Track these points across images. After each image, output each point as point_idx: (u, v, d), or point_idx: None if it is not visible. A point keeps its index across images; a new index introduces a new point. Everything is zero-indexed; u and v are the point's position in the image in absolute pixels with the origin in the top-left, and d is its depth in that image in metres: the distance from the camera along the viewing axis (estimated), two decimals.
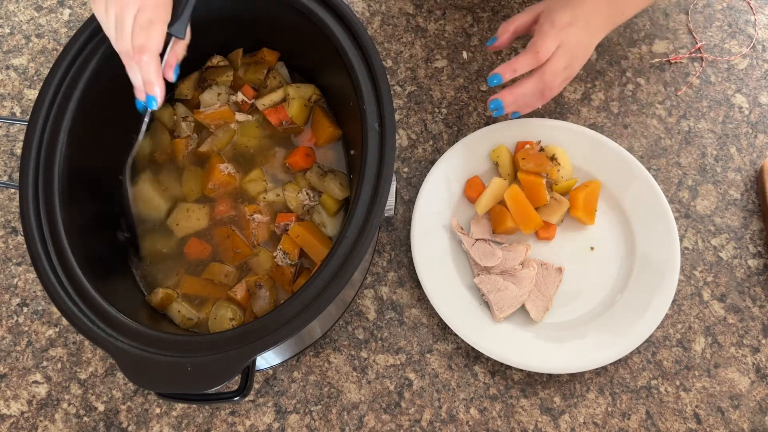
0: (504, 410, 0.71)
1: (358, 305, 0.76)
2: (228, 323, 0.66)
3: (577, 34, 0.69)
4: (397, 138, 0.83)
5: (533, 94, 0.71)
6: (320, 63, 0.72)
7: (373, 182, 0.58)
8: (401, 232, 0.79)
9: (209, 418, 0.71)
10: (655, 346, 0.74)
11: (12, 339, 0.75)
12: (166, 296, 0.67)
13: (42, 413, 0.72)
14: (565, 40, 0.69)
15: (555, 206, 0.76)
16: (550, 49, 0.69)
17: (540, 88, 0.70)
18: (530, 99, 0.71)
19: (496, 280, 0.73)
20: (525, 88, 0.70)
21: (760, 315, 0.75)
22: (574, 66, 0.71)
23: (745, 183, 0.81)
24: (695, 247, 0.78)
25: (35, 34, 0.91)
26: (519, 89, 0.70)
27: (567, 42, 0.69)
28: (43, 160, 0.61)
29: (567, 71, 0.70)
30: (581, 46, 0.71)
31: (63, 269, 0.58)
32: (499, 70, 0.70)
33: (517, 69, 0.70)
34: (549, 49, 0.69)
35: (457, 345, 0.74)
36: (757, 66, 0.86)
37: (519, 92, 0.70)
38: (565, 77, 0.71)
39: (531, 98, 0.71)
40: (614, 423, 0.71)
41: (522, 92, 0.70)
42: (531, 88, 0.70)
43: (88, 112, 0.65)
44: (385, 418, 0.71)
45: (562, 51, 0.69)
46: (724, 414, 0.71)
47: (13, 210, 0.81)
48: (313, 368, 0.73)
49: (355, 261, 0.55)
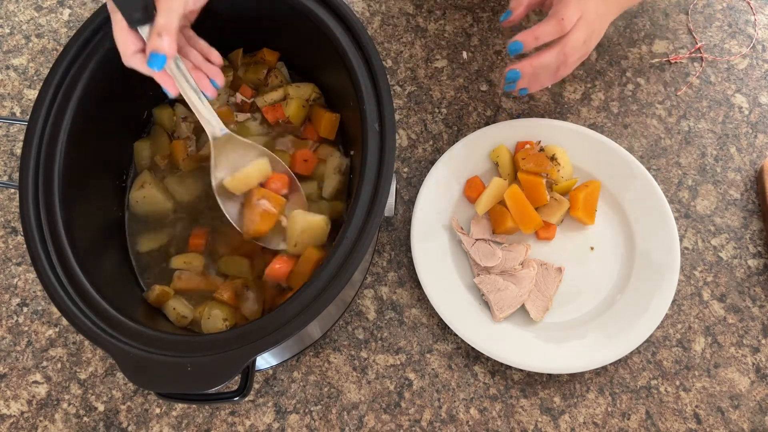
0: (504, 410, 0.71)
1: (358, 305, 0.76)
2: (221, 323, 0.66)
3: (597, 6, 0.67)
4: (397, 138, 0.83)
5: (550, 67, 0.68)
6: (320, 63, 0.72)
7: (373, 182, 0.58)
8: (401, 232, 0.79)
9: (209, 418, 0.71)
10: (655, 346, 0.74)
11: (12, 339, 0.75)
12: (162, 293, 0.67)
13: (42, 413, 0.72)
14: (585, 11, 0.66)
15: (555, 206, 0.76)
16: (572, 17, 0.66)
17: (559, 62, 0.67)
18: (545, 74, 0.69)
19: (496, 280, 0.73)
20: (545, 58, 0.67)
21: (760, 315, 0.75)
22: (591, 42, 0.69)
23: (745, 183, 0.81)
24: (695, 247, 0.78)
25: (35, 34, 0.91)
26: (539, 59, 0.67)
27: (587, 14, 0.66)
28: (43, 160, 0.61)
29: (585, 47, 0.68)
30: (599, 20, 0.68)
31: (63, 269, 0.58)
32: (520, 36, 0.67)
33: (539, 36, 0.66)
34: (572, 18, 0.66)
35: (457, 345, 0.74)
36: (757, 66, 0.86)
37: (539, 63, 0.67)
38: (581, 54, 0.69)
39: (546, 73, 0.68)
40: (614, 423, 0.71)
41: (542, 63, 0.67)
42: (551, 59, 0.67)
43: (88, 112, 0.65)
44: (385, 418, 0.71)
45: (582, 23, 0.66)
46: (724, 414, 0.71)
47: (13, 210, 0.81)
48: (313, 368, 0.73)
49: (355, 261, 0.55)
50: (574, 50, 0.67)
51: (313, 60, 0.73)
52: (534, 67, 0.68)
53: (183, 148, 0.73)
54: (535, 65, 0.67)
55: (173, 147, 0.73)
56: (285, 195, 0.67)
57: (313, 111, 0.74)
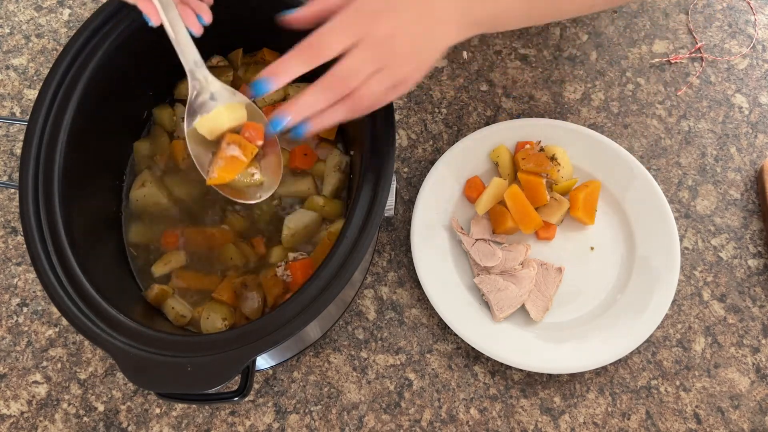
0: (504, 410, 0.71)
1: (358, 305, 0.76)
2: (221, 323, 0.66)
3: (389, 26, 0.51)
4: (397, 138, 0.83)
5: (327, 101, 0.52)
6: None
7: (373, 182, 0.58)
8: (401, 232, 0.79)
9: (209, 418, 0.71)
10: (655, 346, 0.74)
11: (12, 339, 0.75)
12: (161, 292, 0.67)
13: (42, 413, 0.72)
14: (368, 33, 0.51)
15: (555, 206, 0.76)
16: (332, 45, 0.50)
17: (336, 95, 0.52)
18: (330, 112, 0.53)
19: (496, 280, 0.73)
20: (310, 96, 0.52)
21: (760, 315, 0.75)
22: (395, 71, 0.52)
23: (745, 183, 0.81)
24: (695, 247, 0.78)
25: (35, 34, 0.91)
26: (301, 98, 0.52)
27: (372, 35, 0.51)
28: (43, 160, 0.61)
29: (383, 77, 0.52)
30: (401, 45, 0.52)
31: (63, 269, 0.58)
32: (266, 71, 0.51)
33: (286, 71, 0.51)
34: (330, 45, 0.50)
35: (457, 345, 0.74)
36: (757, 66, 0.86)
37: (302, 102, 0.52)
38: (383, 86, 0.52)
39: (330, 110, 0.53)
40: (614, 423, 0.71)
41: (307, 102, 0.52)
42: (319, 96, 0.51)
43: (88, 112, 0.65)
44: (385, 418, 0.71)
45: (364, 48, 0.51)
46: (724, 414, 0.71)
47: (13, 210, 0.81)
48: (313, 368, 0.73)
49: (355, 261, 0.55)
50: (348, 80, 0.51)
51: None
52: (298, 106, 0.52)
53: (184, 147, 0.73)
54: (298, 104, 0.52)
55: (173, 146, 0.73)
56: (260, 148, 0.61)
57: None
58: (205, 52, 0.76)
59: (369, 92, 0.52)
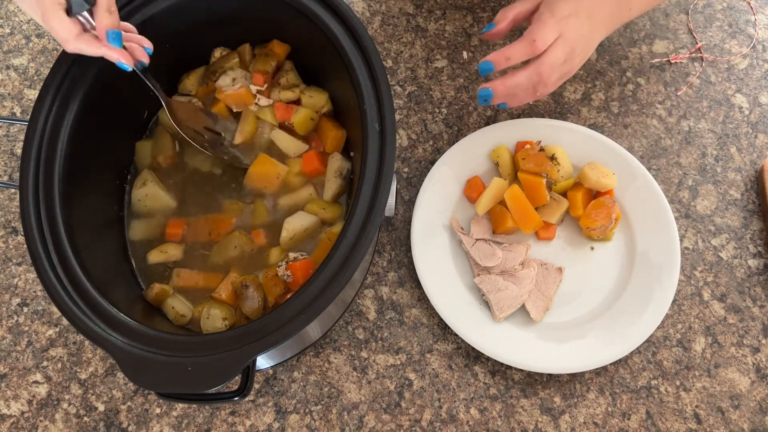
0: (504, 410, 0.71)
1: (358, 305, 0.76)
2: (221, 322, 0.66)
3: (579, 26, 0.65)
4: (397, 138, 0.83)
5: (526, 87, 0.66)
6: (321, 63, 0.72)
7: (373, 182, 0.58)
8: (401, 232, 0.79)
9: (209, 418, 0.71)
10: (655, 346, 0.74)
11: (12, 339, 0.75)
12: (161, 291, 0.67)
13: (42, 413, 0.72)
14: (565, 31, 0.65)
15: (555, 206, 0.76)
16: (547, 38, 0.64)
17: (534, 81, 0.65)
18: (522, 92, 0.67)
19: (496, 280, 0.73)
20: (518, 78, 0.66)
21: (760, 315, 0.75)
22: (573, 62, 0.67)
23: (745, 183, 0.81)
24: (695, 247, 0.78)
25: (35, 34, 0.91)
26: (512, 80, 0.66)
27: (567, 34, 0.65)
28: (43, 160, 0.61)
29: (565, 66, 0.66)
30: (582, 40, 0.66)
31: (63, 269, 0.59)
32: (491, 57, 0.66)
33: (510, 57, 0.65)
34: (546, 39, 0.64)
35: (457, 345, 0.74)
36: (757, 66, 0.86)
37: (511, 83, 0.66)
38: (562, 73, 0.67)
39: (523, 92, 0.67)
40: (614, 423, 0.71)
41: (515, 83, 0.66)
42: (525, 79, 0.65)
43: (88, 112, 0.65)
44: (385, 418, 0.71)
45: (561, 43, 0.65)
46: (724, 414, 0.71)
47: (13, 210, 0.81)
48: (313, 368, 0.73)
49: (355, 261, 0.55)
50: (551, 70, 0.65)
51: (313, 60, 0.73)
52: (507, 87, 0.66)
53: None
54: (507, 85, 0.66)
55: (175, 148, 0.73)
56: None
57: (322, 124, 0.73)
58: (208, 52, 0.77)
59: (552, 81, 0.66)
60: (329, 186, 0.71)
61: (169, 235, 0.71)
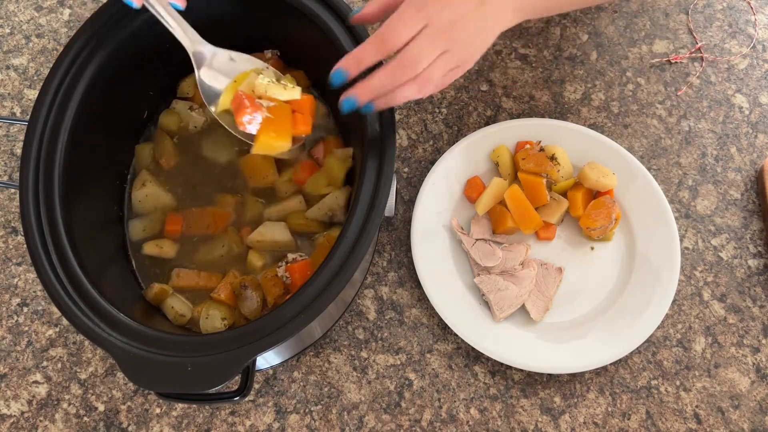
0: (504, 410, 0.71)
1: (358, 305, 0.76)
2: (220, 322, 0.66)
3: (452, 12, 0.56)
4: (397, 138, 0.83)
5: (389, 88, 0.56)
6: (321, 62, 0.72)
7: (373, 182, 0.58)
8: (401, 232, 0.79)
9: (209, 418, 0.71)
10: (655, 346, 0.74)
11: (12, 339, 0.75)
12: (161, 291, 0.67)
13: (42, 413, 0.72)
14: (432, 20, 0.55)
15: (555, 206, 0.76)
16: (401, 33, 0.55)
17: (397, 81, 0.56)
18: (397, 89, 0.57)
19: (496, 280, 0.73)
20: (377, 79, 0.56)
21: (760, 315, 0.75)
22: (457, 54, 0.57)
23: (745, 183, 0.81)
24: (695, 247, 0.78)
25: (35, 34, 0.91)
26: (371, 81, 0.56)
27: (436, 22, 0.55)
28: (43, 160, 0.61)
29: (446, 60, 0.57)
30: (463, 29, 0.56)
31: (63, 269, 0.58)
32: (341, 63, 0.57)
33: (362, 59, 0.56)
34: (400, 34, 0.55)
35: (457, 345, 0.74)
36: (757, 66, 0.86)
37: (371, 84, 0.56)
38: (447, 68, 0.57)
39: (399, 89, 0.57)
40: (614, 423, 0.71)
41: (374, 86, 0.56)
42: (387, 79, 0.56)
43: (88, 112, 0.65)
44: (385, 418, 0.71)
45: (427, 33, 0.55)
46: (724, 414, 0.71)
47: (13, 210, 0.81)
48: (313, 368, 0.73)
49: (355, 261, 0.55)
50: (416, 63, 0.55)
51: (313, 59, 0.73)
52: (370, 90, 0.56)
53: None
54: (369, 87, 0.56)
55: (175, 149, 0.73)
56: None
57: (326, 143, 0.73)
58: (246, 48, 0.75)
59: (433, 74, 0.57)
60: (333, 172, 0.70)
61: (168, 232, 0.71)
